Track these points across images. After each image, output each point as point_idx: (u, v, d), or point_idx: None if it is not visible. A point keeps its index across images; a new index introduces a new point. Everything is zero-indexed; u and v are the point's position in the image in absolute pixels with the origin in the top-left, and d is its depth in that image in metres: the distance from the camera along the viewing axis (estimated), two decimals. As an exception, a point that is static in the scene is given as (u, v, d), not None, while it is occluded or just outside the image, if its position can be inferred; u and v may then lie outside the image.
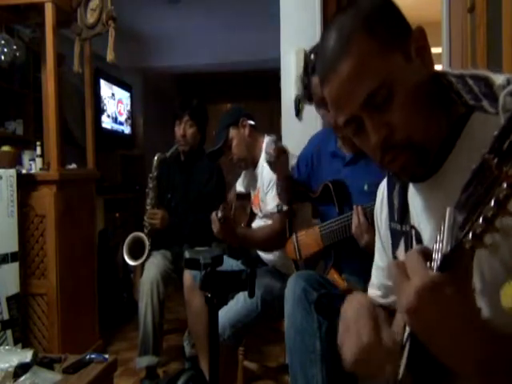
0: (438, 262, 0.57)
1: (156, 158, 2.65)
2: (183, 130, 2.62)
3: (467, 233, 0.51)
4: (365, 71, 0.75)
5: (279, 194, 1.90)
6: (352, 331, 0.80)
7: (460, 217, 0.53)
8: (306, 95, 1.69)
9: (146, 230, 2.62)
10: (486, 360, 0.58)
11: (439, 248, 0.57)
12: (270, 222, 2.16)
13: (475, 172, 0.50)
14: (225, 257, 2.12)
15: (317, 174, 1.84)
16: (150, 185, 2.64)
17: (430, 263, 0.59)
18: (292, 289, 1.38)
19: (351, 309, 0.85)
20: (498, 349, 0.58)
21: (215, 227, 1.97)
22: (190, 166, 2.71)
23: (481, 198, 0.49)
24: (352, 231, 1.50)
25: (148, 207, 2.63)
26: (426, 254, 0.60)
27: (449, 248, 0.55)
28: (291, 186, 1.85)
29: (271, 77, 3.45)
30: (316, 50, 1.59)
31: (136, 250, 2.60)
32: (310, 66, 1.62)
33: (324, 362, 1.28)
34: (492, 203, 0.47)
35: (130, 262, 2.60)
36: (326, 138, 1.83)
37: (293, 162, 2.19)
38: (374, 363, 0.76)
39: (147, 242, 2.59)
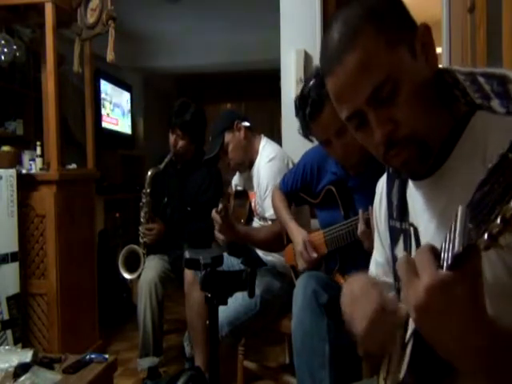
0: (449, 262, 0.56)
1: (149, 173, 2.59)
2: (174, 140, 2.61)
3: (483, 233, 0.49)
4: (372, 64, 0.74)
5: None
6: (360, 301, 0.79)
7: (475, 216, 0.51)
8: (306, 135, 1.62)
9: (141, 240, 2.60)
10: (493, 357, 0.57)
11: (449, 247, 0.56)
12: (269, 223, 2.16)
13: (492, 170, 0.49)
14: (225, 255, 2.11)
15: (317, 183, 1.79)
16: (144, 200, 2.59)
17: (439, 262, 0.57)
18: (302, 289, 1.35)
19: (356, 283, 0.84)
20: (504, 346, 0.57)
21: (217, 223, 1.96)
22: (186, 173, 2.69)
23: (499, 197, 0.47)
24: (358, 235, 1.46)
25: (142, 220, 2.60)
26: (436, 253, 0.58)
27: (461, 248, 0.53)
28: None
29: (271, 77, 3.45)
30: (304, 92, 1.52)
31: (131, 262, 2.57)
32: (308, 111, 1.49)
33: (333, 367, 1.26)
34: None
35: (126, 276, 2.56)
36: (324, 157, 1.73)
37: (289, 164, 2.18)
38: (383, 328, 0.76)
39: (142, 256, 2.55)
